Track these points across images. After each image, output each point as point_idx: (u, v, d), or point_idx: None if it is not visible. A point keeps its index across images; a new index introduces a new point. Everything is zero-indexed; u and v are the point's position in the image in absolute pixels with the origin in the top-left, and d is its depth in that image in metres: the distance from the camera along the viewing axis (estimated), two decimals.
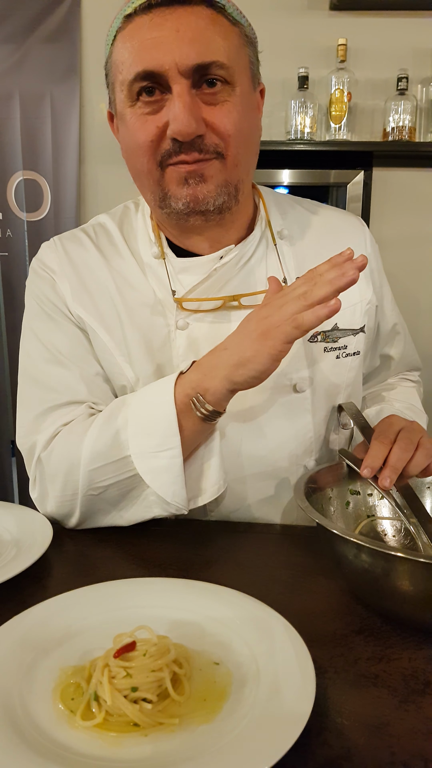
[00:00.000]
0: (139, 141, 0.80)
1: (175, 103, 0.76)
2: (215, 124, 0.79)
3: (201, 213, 0.84)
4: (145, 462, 0.80)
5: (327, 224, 1.01)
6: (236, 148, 0.81)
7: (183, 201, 0.82)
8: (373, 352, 1.09)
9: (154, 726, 0.52)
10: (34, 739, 0.50)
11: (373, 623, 0.66)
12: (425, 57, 2.33)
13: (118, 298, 0.91)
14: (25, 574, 0.74)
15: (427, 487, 0.86)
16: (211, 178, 0.82)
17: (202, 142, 0.78)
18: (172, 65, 0.75)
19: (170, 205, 0.84)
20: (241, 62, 0.81)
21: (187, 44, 0.75)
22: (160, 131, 0.79)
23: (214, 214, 0.84)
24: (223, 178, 0.82)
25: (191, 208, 0.83)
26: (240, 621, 0.64)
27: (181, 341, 0.89)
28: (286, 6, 2.31)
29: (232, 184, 0.84)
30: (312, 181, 2.41)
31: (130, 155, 0.84)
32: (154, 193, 0.85)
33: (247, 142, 0.83)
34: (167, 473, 0.79)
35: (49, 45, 2.37)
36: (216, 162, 0.81)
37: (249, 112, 0.83)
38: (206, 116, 0.78)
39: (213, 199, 0.83)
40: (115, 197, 1.05)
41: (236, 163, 0.83)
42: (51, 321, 0.92)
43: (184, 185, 0.82)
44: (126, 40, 0.78)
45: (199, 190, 0.82)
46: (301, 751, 0.49)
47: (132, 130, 0.81)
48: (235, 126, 0.79)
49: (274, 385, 0.91)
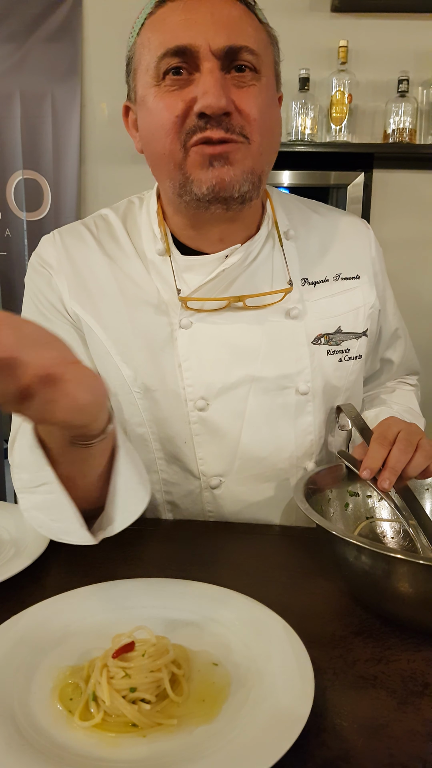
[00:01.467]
0: (163, 119, 0.78)
1: (205, 78, 0.75)
2: (242, 106, 0.78)
3: (224, 201, 0.80)
4: (26, 500, 0.73)
5: (332, 227, 1.00)
6: (261, 135, 0.80)
7: (207, 185, 0.79)
8: (374, 355, 1.09)
9: (152, 726, 0.52)
10: (33, 739, 0.50)
11: (372, 625, 0.66)
12: (426, 59, 2.33)
13: (118, 295, 0.91)
14: (24, 573, 0.74)
15: (426, 489, 0.86)
16: (236, 162, 0.79)
17: (229, 121, 0.77)
18: (204, 44, 0.75)
19: (192, 191, 0.80)
20: (267, 57, 0.81)
21: (222, 27, 0.76)
22: (187, 106, 0.77)
23: (237, 203, 0.81)
24: (249, 164, 0.80)
25: (215, 193, 0.79)
26: (239, 622, 0.64)
27: (183, 340, 0.89)
28: (287, 7, 2.32)
29: (256, 173, 0.81)
30: (312, 182, 2.42)
31: (151, 139, 0.82)
32: (173, 180, 0.82)
33: (271, 132, 0.83)
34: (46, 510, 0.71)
35: (51, 44, 2.37)
36: (242, 146, 0.79)
37: (273, 107, 0.83)
38: (234, 98, 0.77)
39: (239, 185, 0.79)
40: (115, 197, 1.05)
41: (261, 152, 0.81)
42: (45, 321, 0.92)
43: (209, 168, 0.79)
44: (157, 23, 0.79)
45: (225, 172, 0.79)
46: (300, 752, 0.49)
47: (155, 109, 0.79)
48: (261, 111, 0.79)
49: (277, 387, 0.91)
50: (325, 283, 0.95)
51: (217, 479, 0.92)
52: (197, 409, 0.90)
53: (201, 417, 0.90)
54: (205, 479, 0.93)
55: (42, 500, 0.71)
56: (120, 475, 0.70)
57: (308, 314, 0.93)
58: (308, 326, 0.92)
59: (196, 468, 0.93)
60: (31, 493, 0.71)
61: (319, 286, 0.95)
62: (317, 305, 0.94)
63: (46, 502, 0.71)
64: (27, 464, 0.72)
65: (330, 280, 0.96)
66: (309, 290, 0.94)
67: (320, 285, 0.95)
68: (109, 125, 2.44)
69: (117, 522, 0.71)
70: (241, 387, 0.90)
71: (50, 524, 0.71)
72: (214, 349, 0.89)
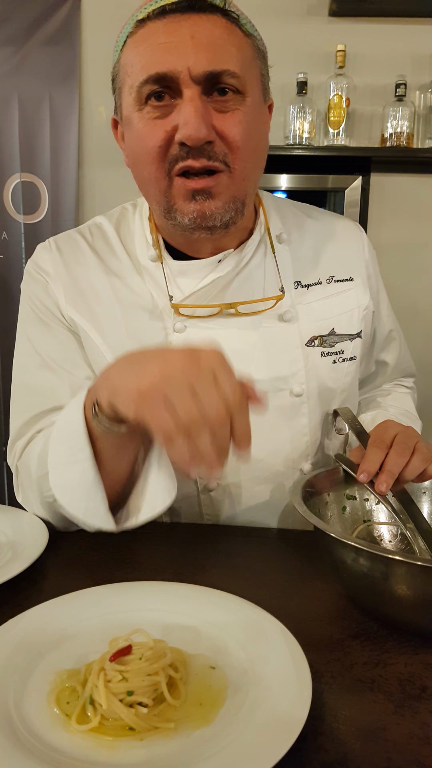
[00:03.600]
0: (147, 146, 0.78)
1: (186, 107, 0.75)
2: (224, 132, 0.77)
3: (207, 229, 0.82)
4: (57, 475, 0.75)
5: (326, 230, 1.01)
6: (244, 160, 0.80)
7: (189, 216, 0.81)
8: (369, 357, 1.09)
9: (149, 730, 0.52)
10: (29, 743, 0.50)
11: (370, 628, 0.66)
12: (424, 63, 2.34)
13: (113, 301, 0.91)
14: (21, 577, 0.74)
15: (423, 492, 0.86)
16: (218, 195, 0.80)
17: (211, 149, 0.77)
18: (184, 69, 0.74)
19: (176, 218, 0.82)
20: (252, 73, 0.80)
21: (202, 50, 0.74)
22: (169, 135, 0.77)
23: (221, 229, 0.83)
24: (230, 194, 0.81)
25: (197, 224, 0.81)
26: (236, 625, 0.64)
27: (178, 344, 0.89)
28: (285, 12, 2.32)
29: (239, 199, 0.82)
30: (310, 186, 2.42)
31: (137, 162, 0.83)
32: (160, 204, 0.83)
33: (255, 154, 0.82)
34: (77, 489, 0.73)
35: (49, 47, 2.37)
36: (224, 177, 0.80)
37: (259, 125, 0.82)
38: (216, 123, 0.77)
39: (220, 215, 0.81)
40: (113, 201, 1.05)
41: (244, 177, 0.81)
42: (43, 325, 0.92)
43: (191, 201, 0.80)
44: (138, 44, 0.77)
45: (207, 206, 0.80)
46: (297, 756, 0.48)
47: (139, 135, 0.79)
48: (244, 135, 0.78)
49: (271, 389, 0.91)
50: (318, 285, 0.96)
51: (214, 482, 0.92)
52: None
53: None
54: (202, 482, 0.93)
55: (75, 478, 0.74)
56: (152, 466, 0.74)
57: (301, 317, 0.93)
58: (302, 329, 0.93)
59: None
60: (65, 470, 0.74)
61: (312, 288, 0.95)
62: (310, 308, 0.94)
63: (79, 481, 0.73)
64: (67, 439, 0.74)
65: (323, 282, 0.96)
66: (302, 293, 0.94)
67: (313, 288, 0.95)
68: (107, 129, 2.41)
69: (143, 511, 0.74)
70: None
71: (78, 503, 0.73)
72: None
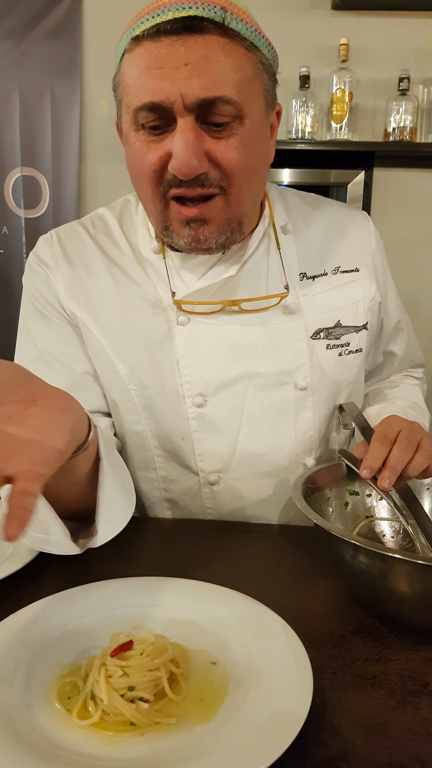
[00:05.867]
0: (143, 169, 0.78)
1: (178, 140, 0.74)
2: (219, 160, 0.76)
3: (204, 250, 0.84)
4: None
5: (332, 220, 1.00)
6: (240, 185, 0.79)
7: (185, 240, 0.82)
8: (376, 348, 1.08)
9: (150, 725, 0.52)
10: (31, 738, 0.50)
11: (371, 624, 0.66)
12: (427, 57, 2.33)
13: (115, 293, 0.91)
14: (22, 572, 0.74)
15: (426, 489, 0.85)
16: (213, 219, 0.80)
17: (205, 177, 0.77)
18: (177, 98, 0.72)
19: (172, 238, 0.83)
20: (252, 92, 0.77)
21: (195, 77, 0.72)
22: (163, 162, 0.77)
23: (218, 250, 0.85)
24: (225, 217, 0.81)
25: (193, 247, 0.83)
26: (237, 621, 0.64)
27: (181, 337, 0.89)
28: (288, 5, 2.31)
29: (234, 220, 0.82)
30: (312, 180, 2.41)
31: (135, 179, 0.83)
32: (156, 221, 0.84)
33: (253, 176, 0.81)
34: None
35: (50, 41, 2.37)
36: (219, 200, 0.79)
37: (259, 143, 0.81)
38: (211, 149, 0.76)
39: (215, 239, 0.82)
40: (115, 195, 1.04)
41: (239, 200, 0.81)
42: (43, 319, 0.92)
43: (186, 227, 0.81)
44: (133, 64, 0.75)
45: (201, 232, 0.81)
46: (298, 751, 0.48)
47: (136, 155, 0.79)
48: (240, 161, 0.77)
49: (275, 383, 0.91)
50: (324, 276, 0.95)
51: (216, 475, 0.92)
52: (195, 406, 0.89)
53: (199, 413, 0.90)
54: (204, 475, 0.93)
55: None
56: (104, 489, 0.69)
57: (306, 309, 0.93)
58: (307, 321, 0.92)
59: (195, 464, 0.92)
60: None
61: (317, 280, 0.94)
62: (316, 300, 0.93)
63: None
64: None
65: (329, 273, 0.95)
66: (307, 285, 0.94)
67: (319, 279, 0.95)
68: (109, 123, 2.43)
69: (100, 535, 0.70)
70: (240, 383, 0.90)
71: (34, 534, 0.69)
72: (212, 345, 0.89)
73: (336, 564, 0.70)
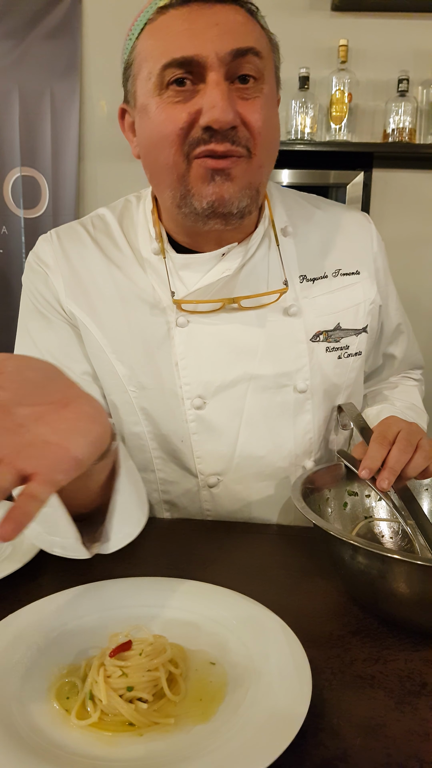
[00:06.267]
0: (167, 130, 0.77)
1: (212, 91, 0.75)
2: (247, 119, 0.77)
3: (222, 216, 0.81)
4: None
5: (333, 222, 1.00)
6: (263, 147, 0.80)
7: (207, 200, 0.79)
8: (376, 351, 1.08)
9: (149, 726, 0.52)
10: (29, 738, 0.50)
11: (370, 624, 0.66)
12: (426, 59, 2.33)
13: (115, 294, 0.91)
14: (21, 572, 0.74)
15: (425, 489, 0.85)
16: (237, 178, 0.79)
17: (235, 134, 0.77)
18: (210, 52, 0.74)
19: (191, 204, 0.80)
20: (270, 63, 0.81)
21: (227, 32, 0.75)
22: (191, 118, 0.76)
23: (236, 218, 0.82)
24: (247, 179, 0.80)
25: (214, 209, 0.80)
26: (236, 621, 0.64)
27: (180, 338, 0.89)
28: (287, 6, 2.31)
29: (254, 186, 0.82)
30: (312, 181, 2.41)
31: (152, 149, 0.81)
32: (174, 191, 0.81)
33: (273, 144, 0.83)
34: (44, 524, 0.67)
35: (50, 41, 2.36)
36: (243, 161, 0.79)
37: (275, 114, 0.83)
38: (239, 109, 0.77)
39: (237, 201, 0.80)
40: (114, 195, 1.04)
41: (261, 164, 0.81)
42: (42, 319, 0.92)
43: (210, 182, 0.79)
44: (159, 30, 0.77)
45: (225, 189, 0.79)
46: (297, 752, 0.48)
47: (158, 120, 0.78)
48: (265, 123, 0.79)
49: (275, 385, 0.91)
50: (324, 279, 0.95)
51: (215, 478, 0.92)
52: (194, 408, 0.89)
53: (198, 415, 0.90)
54: (203, 478, 0.93)
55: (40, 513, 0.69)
56: (119, 494, 0.68)
57: (307, 311, 0.92)
58: (307, 323, 0.92)
59: (194, 466, 0.92)
60: None
61: (318, 282, 0.94)
62: (316, 302, 0.93)
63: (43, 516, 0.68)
64: None
65: (329, 276, 0.95)
66: (307, 287, 0.94)
67: (319, 281, 0.94)
68: (109, 123, 2.44)
69: (112, 542, 0.69)
70: (239, 385, 0.90)
71: (45, 536, 0.69)
72: (212, 347, 0.89)
73: (335, 564, 0.70)
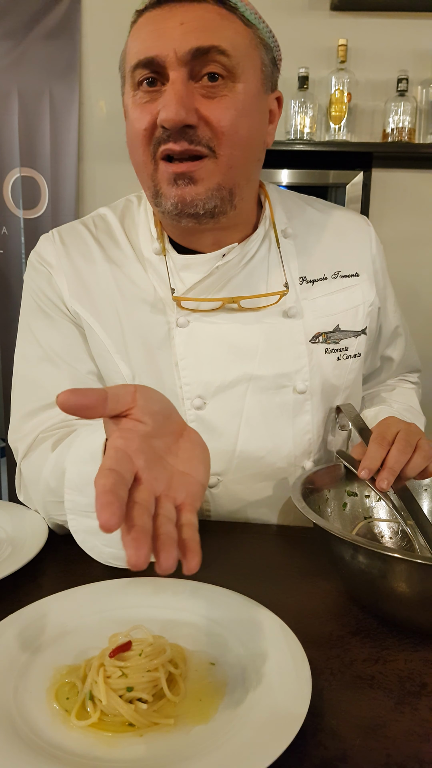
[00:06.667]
0: (136, 131, 0.79)
1: (168, 91, 0.75)
2: (209, 118, 0.76)
3: (191, 216, 0.81)
4: (77, 520, 0.71)
5: (332, 224, 1.00)
6: (230, 147, 0.78)
7: (171, 201, 0.80)
8: (374, 353, 1.09)
9: (149, 726, 0.52)
10: (29, 739, 0.50)
11: (370, 625, 0.66)
12: (425, 58, 2.33)
13: (116, 293, 0.91)
14: (21, 572, 0.74)
15: (424, 489, 0.86)
16: (201, 180, 0.79)
17: (193, 133, 0.76)
18: (170, 52, 0.74)
19: (162, 203, 0.82)
20: (249, 59, 0.78)
21: (190, 31, 0.74)
22: (153, 119, 0.77)
23: (206, 217, 0.82)
24: (215, 181, 0.80)
25: (180, 210, 0.81)
26: (236, 621, 0.64)
27: (180, 339, 0.89)
28: (286, 6, 2.31)
29: (225, 188, 0.81)
30: (311, 181, 2.41)
31: (130, 146, 0.83)
32: (149, 189, 0.83)
33: (245, 144, 0.80)
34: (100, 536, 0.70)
35: (49, 42, 2.36)
36: (208, 162, 0.78)
37: (252, 114, 0.80)
38: (201, 109, 0.76)
39: (202, 202, 0.80)
40: (114, 195, 1.04)
41: (230, 165, 0.80)
42: (46, 318, 0.92)
43: (173, 185, 0.79)
44: (135, 32, 0.79)
45: (188, 191, 0.79)
46: (297, 752, 0.48)
47: (131, 120, 0.80)
48: (231, 122, 0.77)
49: (274, 386, 0.91)
50: (324, 281, 0.95)
51: (215, 478, 0.92)
52: (194, 408, 0.89)
53: (198, 416, 0.90)
54: None
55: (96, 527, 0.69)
56: None
57: (306, 313, 0.93)
58: (306, 325, 0.92)
59: None
60: (86, 517, 0.69)
61: (317, 284, 0.95)
62: (315, 303, 0.94)
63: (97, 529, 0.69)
64: (84, 487, 0.68)
65: (329, 278, 0.95)
66: (307, 288, 0.94)
67: (319, 283, 0.95)
68: (108, 123, 2.44)
69: None
70: (239, 386, 0.90)
71: (102, 548, 0.71)
72: (212, 347, 0.89)
73: (335, 564, 0.70)
